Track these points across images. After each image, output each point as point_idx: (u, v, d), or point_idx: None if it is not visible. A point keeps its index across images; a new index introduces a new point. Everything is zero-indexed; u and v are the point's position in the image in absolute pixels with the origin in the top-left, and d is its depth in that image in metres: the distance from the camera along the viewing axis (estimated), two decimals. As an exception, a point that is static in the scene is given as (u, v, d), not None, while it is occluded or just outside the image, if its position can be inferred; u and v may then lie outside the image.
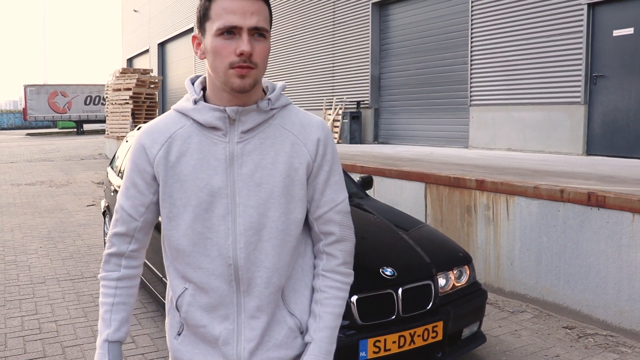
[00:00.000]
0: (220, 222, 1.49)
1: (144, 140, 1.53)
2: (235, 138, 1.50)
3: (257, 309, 1.53)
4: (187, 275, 1.54)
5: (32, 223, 8.86)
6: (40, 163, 18.81)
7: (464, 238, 5.74)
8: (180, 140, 1.51)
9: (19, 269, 6.32)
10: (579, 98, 8.59)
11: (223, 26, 1.41)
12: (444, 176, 5.99)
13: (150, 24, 30.58)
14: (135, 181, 1.56)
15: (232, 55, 1.42)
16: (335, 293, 1.61)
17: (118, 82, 19.79)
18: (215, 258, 1.50)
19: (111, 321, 1.60)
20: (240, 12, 1.40)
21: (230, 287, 1.52)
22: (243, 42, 1.40)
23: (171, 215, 1.52)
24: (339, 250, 1.63)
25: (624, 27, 8.08)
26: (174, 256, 1.56)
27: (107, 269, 1.63)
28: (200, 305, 1.54)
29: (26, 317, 4.86)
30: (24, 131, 47.14)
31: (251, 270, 1.51)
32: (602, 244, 4.54)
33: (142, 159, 1.53)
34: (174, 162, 1.50)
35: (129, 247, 1.61)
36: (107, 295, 1.62)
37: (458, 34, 11.04)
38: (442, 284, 3.60)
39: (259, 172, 1.50)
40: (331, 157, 1.59)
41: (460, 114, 11.04)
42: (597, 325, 4.60)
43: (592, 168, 6.64)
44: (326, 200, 1.59)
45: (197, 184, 1.48)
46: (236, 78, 1.43)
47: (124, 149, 6.40)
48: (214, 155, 1.49)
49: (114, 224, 1.62)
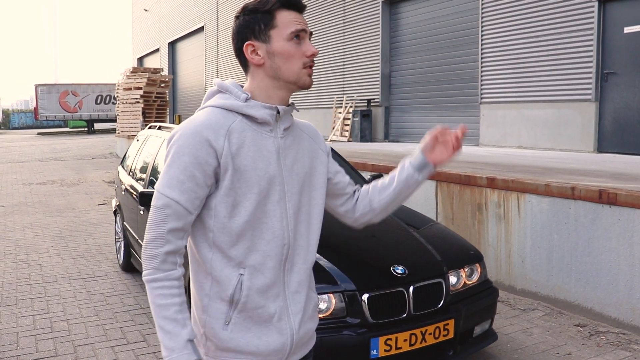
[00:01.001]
0: (275, 207, 1.64)
1: (207, 134, 1.58)
2: (279, 133, 1.68)
3: (299, 284, 1.71)
4: (245, 260, 1.62)
5: (44, 222, 8.93)
6: (52, 162, 18.94)
7: (475, 236, 5.73)
8: (236, 133, 1.61)
9: (30, 268, 6.37)
10: (589, 95, 8.53)
11: (295, 30, 1.63)
12: (454, 174, 5.97)
13: (161, 23, 30.69)
14: (194, 174, 1.56)
15: (303, 56, 1.64)
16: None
17: (129, 81, 19.87)
18: (270, 240, 1.64)
19: (185, 320, 1.57)
20: (302, 22, 1.66)
21: (280, 267, 1.66)
22: (310, 45, 1.66)
23: (235, 203, 1.60)
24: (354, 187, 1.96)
25: (634, 24, 8.02)
26: (231, 243, 1.61)
27: (166, 269, 1.58)
28: (257, 287, 1.63)
29: (38, 316, 4.89)
30: (35, 130, 47.48)
31: (295, 248, 1.70)
32: (614, 241, 4.51)
33: (205, 152, 1.57)
34: (235, 153, 1.59)
35: (184, 243, 1.62)
36: (172, 296, 1.57)
37: (468, 32, 11.00)
38: (453, 282, 3.59)
39: (297, 164, 1.71)
40: (327, 145, 1.90)
41: (471, 112, 10.99)
42: (609, 323, 4.57)
43: (603, 165, 6.60)
44: (337, 173, 1.90)
45: (258, 173, 1.61)
46: (307, 77, 1.67)
47: (135, 148, 6.42)
48: (267, 148, 1.64)
49: (164, 220, 1.58)
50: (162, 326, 1.56)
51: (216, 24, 22.81)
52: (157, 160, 5.30)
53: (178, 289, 1.59)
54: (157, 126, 6.15)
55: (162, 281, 1.58)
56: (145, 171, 5.53)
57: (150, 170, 5.34)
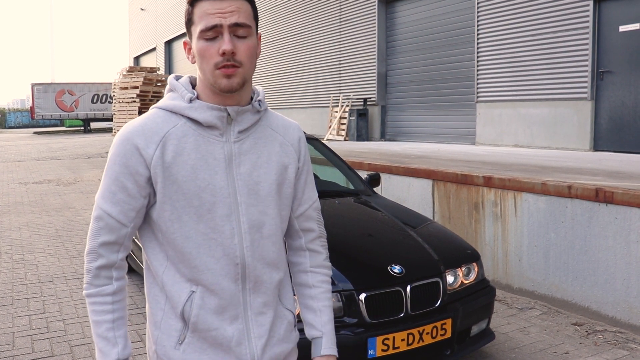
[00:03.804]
0: (224, 222, 1.48)
1: (137, 141, 1.45)
2: (232, 137, 1.50)
3: (264, 305, 1.55)
4: (195, 278, 1.49)
5: (40, 221, 8.90)
6: (48, 161, 18.89)
7: (472, 235, 5.73)
8: (175, 140, 1.46)
9: (26, 267, 6.35)
10: (585, 94, 8.55)
11: (205, 27, 1.42)
12: (451, 173, 5.97)
13: (157, 22, 30.65)
14: (125, 184, 1.46)
15: (216, 55, 1.42)
16: (327, 287, 1.72)
17: (125, 80, 19.85)
18: (220, 258, 1.48)
19: (116, 338, 1.50)
20: (220, 12, 1.41)
21: (236, 286, 1.51)
22: (224, 42, 1.41)
23: (172, 218, 1.47)
24: (321, 246, 1.73)
25: (630, 22, 8.03)
26: (178, 259, 1.49)
27: (98, 284, 1.50)
28: (210, 307, 1.50)
29: (34, 316, 4.88)
30: (32, 129, 47.35)
31: (257, 267, 1.53)
32: (611, 239, 4.52)
33: (135, 160, 1.44)
34: (170, 163, 1.45)
35: (119, 256, 1.52)
36: (104, 313, 1.50)
37: (464, 31, 11.01)
38: (450, 281, 3.59)
39: (257, 171, 1.52)
40: (308, 158, 1.67)
41: (467, 111, 11.00)
42: (607, 321, 4.58)
43: (600, 164, 6.61)
44: (306, 198, 1.66)
45: (198, 184, 1.45)
46: (223, 78, 1.43)
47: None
48: (212, 155, 1.47)
49: (97, 232, 1.49)
50: (96, 343, 1.51)
51: (212, 22, 22.76)
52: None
53: (111, 305, 1.51)
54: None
55: (95, 297, 1.51)
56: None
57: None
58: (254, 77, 1.65)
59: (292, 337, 1.66)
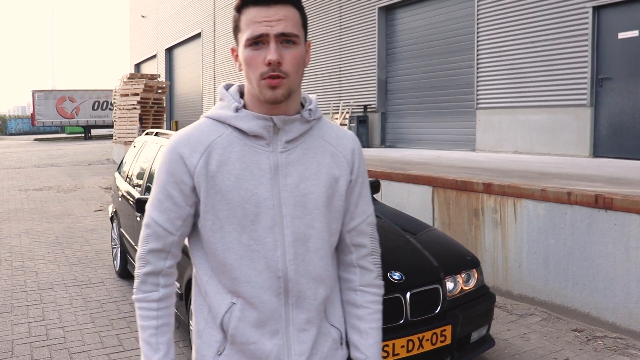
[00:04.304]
0: (267, 234, 1.44)
1: (182, 150, 1.44)
2: (279, 148, 1.46)
3: (306, 322, 1.49)
4: (235, 289, 1.46)
5: (40, 228, 8.90)
6: (48, 168, 18.90)
7: (472, 241, 5.73)
8: (220, 149, 1.44)
9: (26, 274, 6.35)
10: (585, 100, 8.56)
11: (251, 36, 1.38)
12: (451, 179, 5.98)
13: (158, 29, 30.73)
14: (171, 193, 1.46)
15: (262, 65, 1.38)
16: (377, 307, 1.62)
17: (126, 87, 19.88)
18: (263, 271, 1.45)
19: (159, 345, 1.51)
20: (267, 20, 1.37)
21: (279, 300, 1.46)
22: (270, 51, 1.37)
23: (214, 228, 1.45)
24: (372, 264, 1.63)
25: (628, 29, 8.05)
26: (219, 270, 1.47)
27: (145, 290, 1.52)
28: (249, 320, 1.46)
29: (33, 324, 4.87)
30: (32, 136, 47.41)
31: (301, 282, 1.47)
32: (610, 246, 4.52)
33: (180, 170, 1.44)
34: (215, 172, 1.43)
35: (166, 264, 1.52)
36: (148, 318, 1.51)
37: (464, 38, 11.03)
38: (450, 287, 3.59)
39: (304, 183, 1.46)
40: (363, 170, 1.59)
41: (467, 117, 11.02)
42: (606, 327, 4.58)
43: (599, 170, 6.61)
44: (359, 212, 1.59)
45: (242, 194, 1.42)
46: (268, 89, 1.39)
47: (132, 154, 6.42)
48: (258, 165, 1.44)
49: (146, 239, 1.51)
50: (141, 347, 1.53)
51: (213, 30, 22.85)
52: (153, 166, 5.29)
53: (156, 312, 1.52)
54: (154, 132, 6.15)
55: (141, 302, 1.52)
56: (142, 177, 5.53)
57: (147, 177, 5.33)
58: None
59: (338, 355, 1.59)
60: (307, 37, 1.47)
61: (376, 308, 1.62)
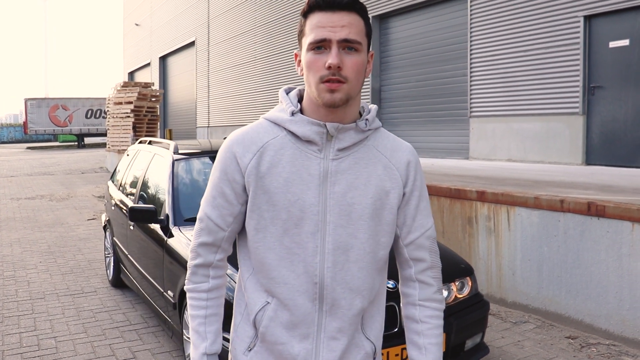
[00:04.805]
0: (309, 239, 1.46)
1: (236, 149, 1.49)
2: (331, 155, 1.47)
3: (338, 330, 1.49)
4: (271, 289, 1.49)
5: (32, 237, 8.85)
6: (41, 177, 18.82)
7: (466, 249, 5.74)
8: (272, 151, 1.47)
9: (17, 284, 6.30)
10: (577, 109, 8.62)
11: (314, 40, 1.40)
12: (444, 187, 5.99)
13: (152, 37, 30.74)
14: (224, 190, 1.51)
15: (322, 69, 1.40)
16: (437, 322, 1.60)
17: (119, 95, 19.85)
18: (300, 274, 1.46)
19: (207, 334, 1.56)
20: (331, 25, 1.39)
21: (313, 306, 1.48)
22: (331, 55, 1.39)
23: (259, 227, 1.48)
24: (432, 277, 1.60)
25: (619, 38, 8.12)
26: (259, 269, 1.51)
27: (196, 281, 1.58)
28: (281, 321, 1.49)
29: (24, 334, 4.84)
30: (25, 145, 47.22)
31: (336, 290, 1.47)
32: (603, 253, 4.54)
33: (233, 168, 1.49)
34: (265, 173, 1.46)
35: (216, 257, 1.57)
36: (198, 308, 1.58)
37: (457, 46, 11.09)
38: (444, 295, 3.58)
39: (352, 192, 1.47)
40: (420, 183, 1.57)
41: (461, 126, 11.06)
42: (600, 334, 4.59)
43: (592, 178, 6.65)
44: (417, 225, 1.57)
45: (289, 197, 1.45)
46: (326, 92, 1.41)
47: (125, 163, 6.40)
48: (307, 170, 1.46)
49: (199, 233, 1.56)
50: (190, 336, 1.59)
51: (207, 38, 22.88)
52: (147, 175, 5.28)
53: (205, 302, 1.57)
54: (148, 141, 6.14)
55: (192, 292, 1.59)
56: (135, 186, 5.51)
57: (141, 186, 5.32)
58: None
59: None
60: (370, 47, 1.49)
61: (436, 323, 1.60)
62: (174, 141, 5.24)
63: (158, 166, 5.05)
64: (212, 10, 22.38)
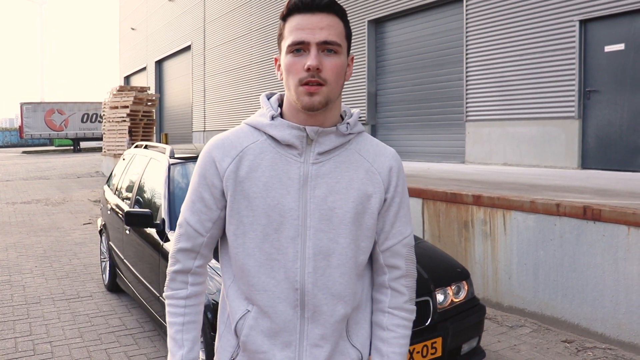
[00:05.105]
0: (289, 244, 1.43)
1: (215, 153, 1.47)
2: (311, 159, 1.45)
3: (321, 338, 1.47)
4: (251, 297, 1.47)
5: (28, 242, 8.82)
6: (36, 181, 18.77)
7: (462, 253, 5.74)
8: (252, 155, 1.45)
9: (13, 289, 6.28)
10: (573, 113, 8.64)
11: (293, 42, 1.38)
12: (440, 192, 5.99)
13: (148, 41, 30.74)
14: (203, 195, 1.49)
15: (301, 71, 1.38)
16: (403, 332, 1.58)
17: (115, 99, 19.84)
18: (281, 281, 1.44)
19: (183, 341, 1.54)
20: (310, 27, 1.38)
21: (294, 313, 1.45)
22: (310, 57, 1.37)
23: (238, 233, 1.46)
24: (405, 286, 1.58)
25: (615, 43, 8.16)
26: (239, 276, 1.48)
27: (174, 287, 1.56)
28: (262, 329, 1.46)
29: (20, 339, 4.82)
30: (20, 149, 47.12)
31: (318, 296, 1.45)
32: (599, 257, 4.55)
33: (212, 173, 1.47)
34: (244, 177, 1.44)
35: (195, 263, 1.55)
36: (176, 315, 1.56)
37: (453, 51, 11.12)
38: (440, 299, 3.59)
39: (332, 196, 1.44)
40: (402, 189, 1.55)
41: (456, 130, 11.08)
42: (596, 338, 4.59)
43: (587, 182, 6.66)
44: (395, 232, 1.55)
45: (268, 202, 1.42)
46: (305, 95, 1.39)
47: (121, 167, 6.39)
48: (287, 174, 1.44)
49: (178, 239, 1.55)
50: (168, 343, 1.57)
51: (203, 42, 22.89)
52: (143, 179, 5.27)
53: (183, 309, 1.56)
54: (144, 145, 6.13)
55: (170, 299, 1.57)
56: (131, 190, 5.50)
57: (136, 190, 5.31)
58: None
59: None
60: (349, 48, 1.47)
61: (402, 333, 1.57)
62: (170, 145, 5.24)
63: (154, 170, 5.04)
64: (208, 14, 22.40)
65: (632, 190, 5.71)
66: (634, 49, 7.94)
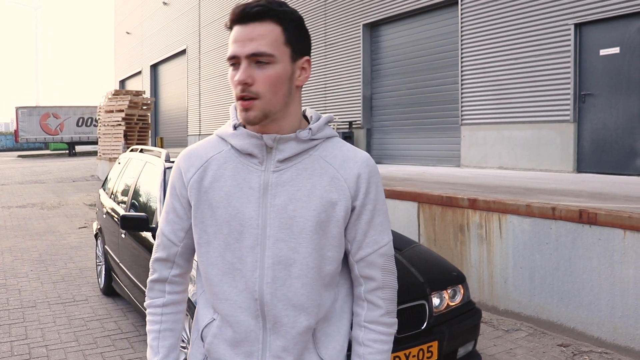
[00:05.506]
0: (248, 254, 1.41)
1: (182, 164, 1.50)
2: (271, 167, 1.42)
3: (283, 349, 1.44)
4: (215, 305, 1.48)
5: (23, 246, 8.79)
6: (32, 185, 18.71)
7: (458, 257, 5.74)
8: (215, 166, 1.46)
9: (8, 292, 6.25)
10: (568, 116, 8.67)
11: (228, 56, 1.38)
12: (436, 195, 6.00)
13: (143, 45, 30.72)
14: (174, 205, 1.53)
15: (237, 85, 1.37)
16: (379, 347, 1.52)
17: (110, 103, 19.80)
18: (242, 290, 1.42)
19: (159, 348, 1.56)
20: (241, 40, 1.35)
21: (256, 323, 1.43)
22: (239, 72, 1.35)
23: (201, 242, 1.47)
24: (381, 299, 1.53)
25: (610, 46, 8.19)
26: (206, 284, 1.50)
27: (152, 296, 1.60)
28: (225, 338, 1.46)
29: (15, 342, 4.80)
30: (16, 153, 46.96)
31: (277, 307, 1.42)
32: (595, 260, 4.55)
33: (179, 183, 1.50)
34: (207, 187, 1.45)
35: (171, 273, 1.58)
36: (153, 323, 1.59)
37: (448, 54, 11.15)
38: (436, 303, 3.59)
39: (293, 204, 1.40)
40: (375, 196, 1.48)
41: (452, 133, 11.10)
42: (592, 342, 4.59)
43: (583, 185, 6.68)
44: (369, 241, 1.49)
45: (229, 211, 1.42)
46: (242, 111, 1.38)
47: (117, 171, 6.38)
48: (248, 184, 1.42)
49: (155, 249, 1.59)
50: (147, 350, 1.62)
51: (198, 46, 22.88)
52: (138, 183, 5.26)
53: (160, 316, 1.58)
54: (139, 149, 6.13)
55: (148, 307, 1.61)
56: (126, 194, 5.49)
57: (132, 194, 5.30)
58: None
59: None
60: (298, 52, 1.41)
61: (379, 348, 1.51)
62: (165, 149, 5.24)
63: (149, 174, 5.04)
64: (203, 18, 22.41)
65: (627, 194, 5.73)
66: (629, 52, 7.97)
